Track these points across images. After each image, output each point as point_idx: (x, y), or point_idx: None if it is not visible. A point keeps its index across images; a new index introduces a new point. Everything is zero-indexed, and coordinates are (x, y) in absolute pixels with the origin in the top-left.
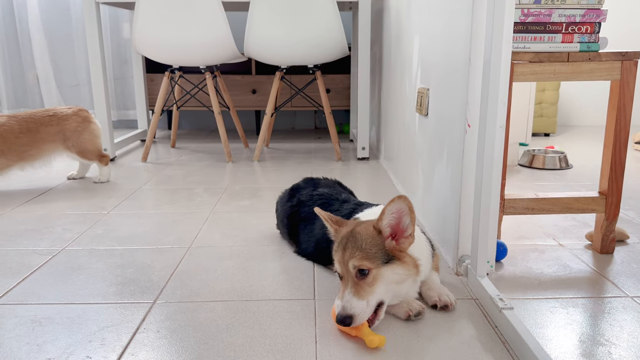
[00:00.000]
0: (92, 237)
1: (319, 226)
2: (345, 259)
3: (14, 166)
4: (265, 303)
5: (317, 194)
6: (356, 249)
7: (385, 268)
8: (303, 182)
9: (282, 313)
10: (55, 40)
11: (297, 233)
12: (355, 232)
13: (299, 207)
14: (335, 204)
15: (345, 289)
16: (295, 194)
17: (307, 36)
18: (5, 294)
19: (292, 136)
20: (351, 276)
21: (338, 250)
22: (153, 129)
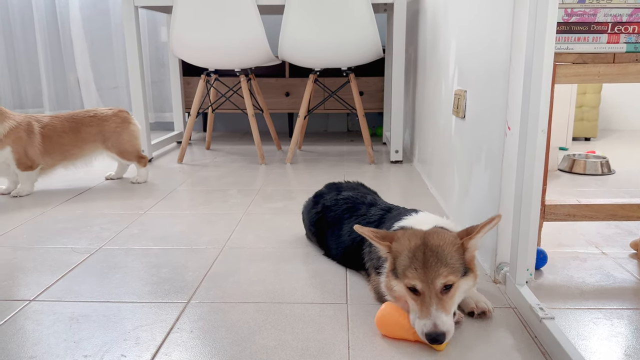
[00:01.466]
0: (128, 236)
1: (347, 231)
2: (431, 276)
3: (58, 165)
4: (298, 306)
5: (341, 197)
6: (442, 265)
7: (463, 280)
8: (326, 188)
9: (314, 317)
10: (95, 43)
11: (325, 239)
12: (435, 245)
13: (324, 213)
14: (361, 208)
15: (429, 305)
16: (320, 200)
17: (342, 39)
18: (44, 291)
19: (324, 139)
20: (435, 292)
21: (415, 267)
22: (189, 131)
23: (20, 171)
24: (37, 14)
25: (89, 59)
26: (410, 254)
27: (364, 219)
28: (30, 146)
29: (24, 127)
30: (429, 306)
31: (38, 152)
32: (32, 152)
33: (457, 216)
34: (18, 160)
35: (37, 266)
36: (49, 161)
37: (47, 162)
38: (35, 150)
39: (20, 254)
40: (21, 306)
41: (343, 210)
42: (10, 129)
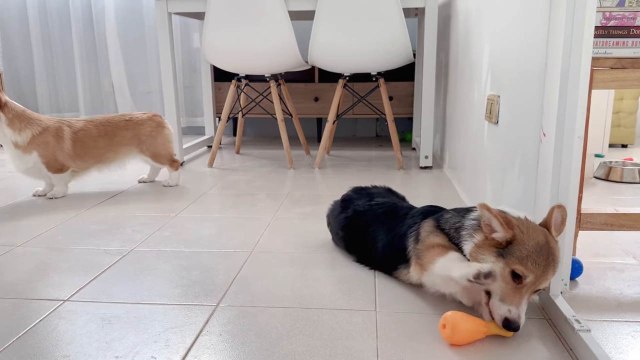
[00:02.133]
0: (160, 238)
1: (383, 234)
2: (542, 278)
3: (92, 168)
4: (326, 312)
5: (376, 203)
6: (554, 272)
7: None
8: (354, 192)
9: (342, 323)
10: (129, 49)
11: (354, 244)
12: (555, 249)
13: (356, 218)
14: (401, 210)
15: (523, 296)
16: (349, 204)
17: (372, 44)
18: (77, 292)
19: (353, 144)
20: (534, 289)
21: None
22: (219, 136)
23: (51, 174)
24: (74, 21)
25: (123, 64)
26: (537, 248)
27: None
28: (59, 150)
29: (52, 132)
30: (522, 297)
31: (68, 156)
32: (61, 156)
33: None
34: (47, 164)
35: (71, 267)
36: (82, 164)
37: (79, 165)
38: (65, 154)
39: (55, 255)
40: (55, 306)
41: (379, 215)
42: (34, 135)
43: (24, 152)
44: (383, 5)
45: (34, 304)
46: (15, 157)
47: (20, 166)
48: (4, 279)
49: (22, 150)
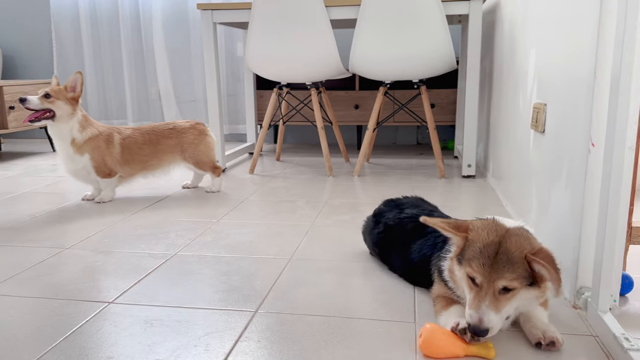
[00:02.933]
0: (202, 243)
1: (415, 249)
2: (493, 277)
3: (138, 174)
4: (364, 322)
5: (405, 216)
6: (508, 270)
7: (526, 289)
8: (385, 206)
9: (381, 334)
10: (175, 59)
11: (390, 259)
12: (507, 247)
13: (387, 233)
14: (429, 227)
15: (482, 300)
16: (380, 219)
17: (414, 51)
18: (122, 294)
19: (393, 152)
20: (493, 292)
21: (482, 261)
22: (260, 143)
23: (100, 178)
24: (123, 32)
25: (169, 73)
26: (481, 247)
27: (433, 236)
28: (109, 155)
29: (104, 137)
30: (481, 300)
31: (116, 162)
32: (110, 161)
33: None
34: (96, 168)
35: (116, 270)
36: (129, 170)
37: (126, 171)
38: (114, 159)
39: (101, 258)
40: (101, 308)
41: (409, 230)
42: (90, 137)
43: (77, 152)
44: (425, 13)
45: (81, 305)
46: (68, 158)
47: (70, 167)
48: (53, 280)
49: (75, 150)
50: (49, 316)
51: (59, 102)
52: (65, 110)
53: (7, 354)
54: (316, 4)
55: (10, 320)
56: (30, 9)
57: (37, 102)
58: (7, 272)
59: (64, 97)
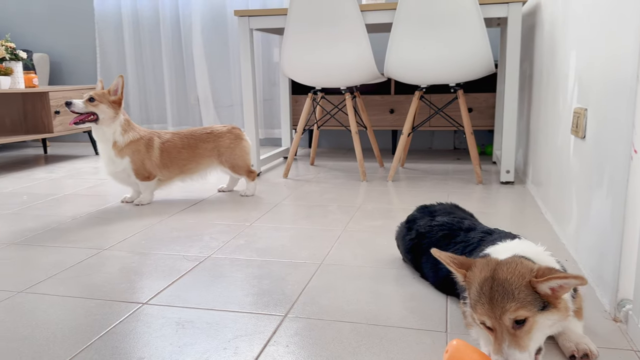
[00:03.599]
0: (234, 246)
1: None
2: (497, 313)
3: (176, 178)
4: (393, 330)
5: (436, 224)
6: (508, 300)
7: (541, 315)
8: (418, 212)
9: (410, 343)
10: (214, 64)
11: (421, 266)
12: (500, 277)
13: (419, 240)
14: (459, 234)
15: (501, 342)
16: (413, 225)
17: (451, 55)
18: (156, 295)
19: (429, 156)
20: (507, 329)
21: (482, 302)
22: (295, 147)
23: (139, 181)
24: (164, 39)
25: (208, 79)
26: (478, 287)
27: (462, 245)
28: (148, 159)
29: (144, 141)
30: (501, 342)
31: (155, 166)
32: (150, 164)
33: (574, 245)
34: (136, 171)
35: (151, 271)
36: (167, 174)
37: (165, 174)
38: (153, 163)
39: (137, 259)
40: (135, 308)
41: (439, 238)
42: (131, 141)
43: (118, 155)
44: (463, 16)
45: (116, 305)
46: (109, 160)
47: (111, 169)
48: (91, 280)
49: (117, 152)
50: (85, 315)
51: (102, 106)
52: (108, 114)
53: (45, 351)
54: (352, 8)
55: (48, 319)
56: (75, 17)
57: (81, 106)
58: (48, 271)
59: (107, 101)
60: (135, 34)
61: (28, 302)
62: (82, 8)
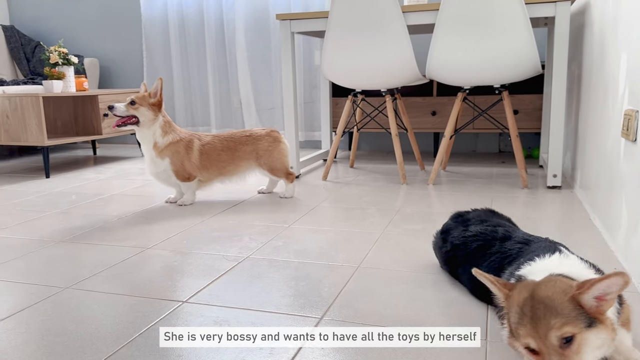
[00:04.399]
0: (273, 248)
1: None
2: (542, 332)
3: (216, 180)
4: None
5: (470, 234)
6: (552, 316)
7: (589, 333)
8: (452, 221)
9: (446, 350)
10: (256, 68)
11: (459, 278)
12: (540, 296)
13: (454, 252)
14: (494, 245)
15: None
16: (447, 237)
17: (496, 55)
18: (195, 294)
19: (472, 159)
20: (554, 349)
21: (524, 323)
22: (334, 150)
23: (180, 182)
24: (208, 43)
25: (250, 82)
26: (518, 309)
27: (499, 257)
28: (187, 161)
29: (184, 143)
30: None
31: (195, 167)
32: (189, 166)
33: (623, 254)
34: (176, 172)
35: (192, 270)
36: (207, 175)
37: (204, 176)
38: (192, 164)
39: (179, 258)
40: (175, 306)
41: (474, 250)
42: (170, 142)
43: (158, 156)
44: (508, 15)
45: (157, 303)
46: (151, 161)
47: (153, 169)
48: (134, 278)
49: (157, 153)
50: (127, 312)
51: (142, 109)
52: (148, 116)
53: (88, 346)
54: (393, 10)
55: (93, 315)
56: (124, 23)
57: (123, 109)
58: (93, 269)
59: (146, 103)
60: (181, 38)
61: (74, 298)
62: (131, 14)
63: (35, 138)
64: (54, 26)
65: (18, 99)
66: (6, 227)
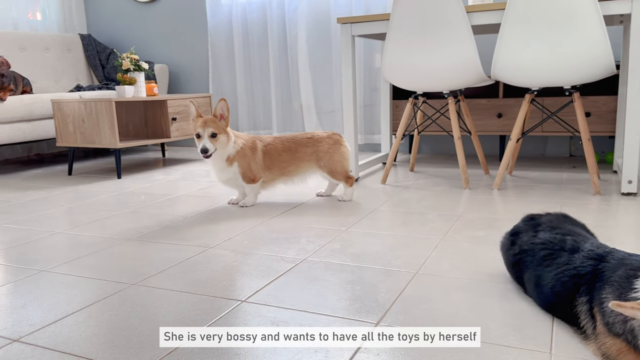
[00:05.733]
0: (330, 250)
1: (547, 282)
2: None
3: (278, 180)
4: (490, 347)
5: (538, 242)
6: None
7: None
8: (523, 224)
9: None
10: (317, 72)
11: (525, 283)
12: None
13: (522, 256)
14: (561, 256)
15: None
16: (516, 240)
17: (567, 55)
18: (254, 294)
19: (540, 164)
20: None
21: None
22: (393, 153)
23: (245, 184)
24: (271, 49)
25: (311, 86)
26: None
27: (568, 271)
28: (253, 162)
29: (249, 145)
30: None
31: (259, 167)
32: (255, 167)
33: None
34: (243, 174)
35: (251, 270)
36: (270, 175)
37: (267, 176)
38: (257, 165)
39: (239, 258)
40: (234, 305)
41: (541, 258)
42: (238, 150)
43: (228, 164)
44: (579, 13)
45: (217, 301)
46: (220, 170)
47: (222, 177)
48: (196, 276)
49: (228, 164)
50: (188, 309)
51: (220, 136)
52: (224, 142)
53: (149, 342)
54: (457, 10)
55: (156, 311)
56: (191, 30)
57: (212, 148)
58: (158, 266)
59: (222, 130)
60: (245, 44)
61: (139, 294)
62: (198, 22)
63: (108, 140)
64: (127, 34)
65: (93, 104)
66: (80, 224)
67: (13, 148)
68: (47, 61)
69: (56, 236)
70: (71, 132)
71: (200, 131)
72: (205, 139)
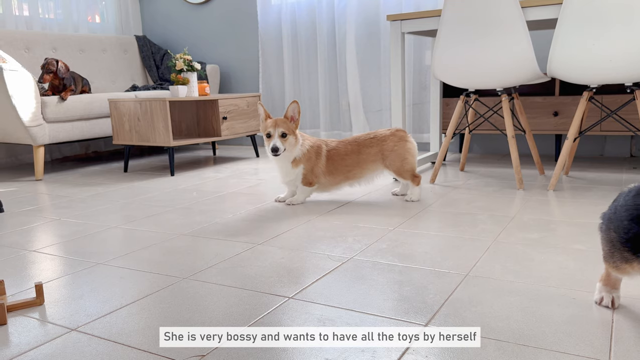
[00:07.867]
0: (377, 250)
1: None
2: None
3: (342, 183)
4: (544, 353)
5: None
6: None
7: None
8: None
9: None
10: (365, 70)
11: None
12: None
13: None
14: None
15: None
16: None
17: (628, 51)
18: (301, 291)
19: (599, 164)
20: None
21: None
22: (443, 152)
23: (301, 185)
24: (320, 49)
25: (359, 85)
26: None
27: None
28: (316, 166)
29: (314, 149)
30: None
31: (322, 172)
32: (317, 171)
33: None
34: (304, 177)
35: (298, 267)
36: (332, 180)
37: (330, 180)
38: (319, 170)
39: (287, 255)
40: (281, 302)
41: None
42: (307, 151)
43: (294, 166)
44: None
45: (265, 297)
46: (285, 172)
47: (285, 178)
48: (245, 272)
49: (294, 166)
50: (237, 304)
51: (290, 137)
52: (292, 143)
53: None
54: (511, 5)
55: (206, 305)
56: (242, 31)
57: (282, 147)
58: (209, 261)
59: (292, 132)
60: (294, 45)
61: (190, 288)
62: (248, 24)
63: (162, 139)
64: (180, 35)
65: (148, 103)
66: (134, 220)
67: (72, 146)
68: (104, 62)
69: (112, 230)
70: (127, 130)
71: (271, 131)
72: (275, 139)
